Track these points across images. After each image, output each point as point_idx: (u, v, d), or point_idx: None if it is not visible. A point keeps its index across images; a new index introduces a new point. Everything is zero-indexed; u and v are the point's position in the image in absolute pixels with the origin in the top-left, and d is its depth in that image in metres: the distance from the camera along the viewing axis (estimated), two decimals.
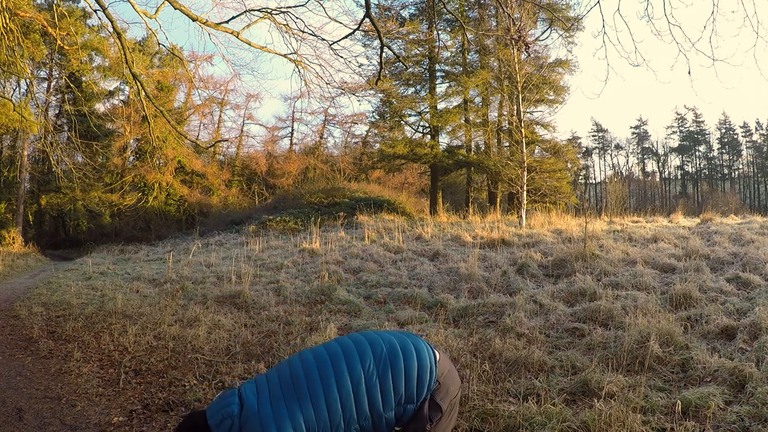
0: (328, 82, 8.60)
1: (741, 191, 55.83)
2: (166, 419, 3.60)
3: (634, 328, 4.69)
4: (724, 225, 11.57)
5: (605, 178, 58.15)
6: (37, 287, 9.45)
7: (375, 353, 1.79)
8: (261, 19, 7.85)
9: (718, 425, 3.12)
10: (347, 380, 1.75)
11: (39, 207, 27.26)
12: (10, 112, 16.33)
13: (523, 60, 15.75)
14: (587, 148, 59.09)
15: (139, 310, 6.85)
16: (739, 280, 6.44)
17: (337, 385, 1.74)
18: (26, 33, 15.11)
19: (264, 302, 7.13)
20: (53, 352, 5.26)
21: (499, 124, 23.86)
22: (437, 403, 1.73)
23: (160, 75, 25.54)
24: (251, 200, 30.79)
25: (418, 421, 1.72)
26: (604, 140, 61.94)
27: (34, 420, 3.60)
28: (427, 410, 1.72)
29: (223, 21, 7.57)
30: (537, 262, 8.33)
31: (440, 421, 1.73)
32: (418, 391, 1.72)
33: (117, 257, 16.64)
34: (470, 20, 21.63)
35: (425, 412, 1.72)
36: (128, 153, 28.83)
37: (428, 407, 1.72)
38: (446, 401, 1.74)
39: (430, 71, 22.90)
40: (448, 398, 1.75)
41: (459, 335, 5.17)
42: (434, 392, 1.75)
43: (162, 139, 23.68)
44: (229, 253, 12.85)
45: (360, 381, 1.73)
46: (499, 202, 23.79)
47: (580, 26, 19.52)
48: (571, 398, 3.63)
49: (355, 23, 7.85)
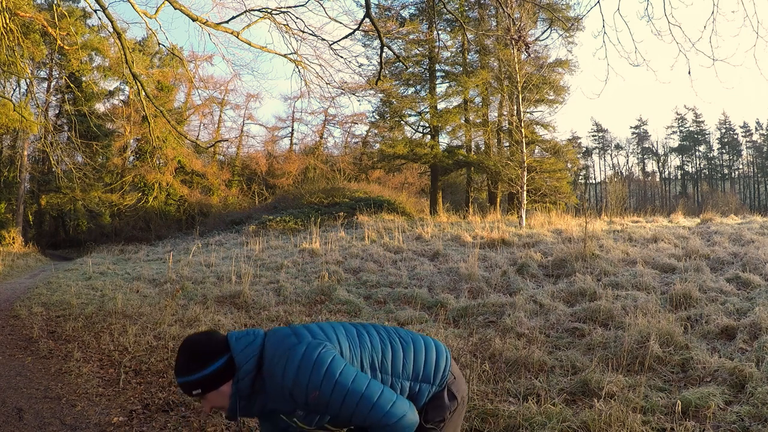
0: (328, 82, 8.60)
1: (741, 191, 55.83)
2: (166, 419, 3.60)
3: (634, 328, 4.69)
4: (724, 225, 11.57)
5: (605, 178, 58.18)
6: (37, 287, 9.45)
7: (388, 330, 1.81)
8: (261, 19, 7.85)
9: (718, 425, 3.12)
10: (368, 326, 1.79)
11: (39, 207, 27.27)
12: (10, 112, 16.33)
13: (523, 60, 15.75)
14: (587, 148, 59.14)
15: (139, 310, 6.85)
16: (739, 280, 6.44)
17: (361, 327, 1.78)
18: (26, 33, 15.12)
19: (264, 302, 7.13)
20: (53, 352, 5.26)
21: (499, 124, 23.86)
22: (454, 393, 1.73)
23: (160, 75, 25.54)
24: (251, 200, 30.77)
25: (439, 408, 1.71)
26: (604, 140, 61.97)
27: (34, 420, 3.60)
28: (447, 398, 1.72)
29: (223, 21, 7.57)
30: (537, 262, 8.33)
31: (456, 410, 1.76)
32: (435, 373, 1.71)
33: (117, 257, 16.64)
34: (470, 20, 21.63)
35: (446, 400, 1.72)
36: (128, 153, 28.83)
37: (447, 396, 1.72)
38: (460, 395, 1.75)
39: (430, 71, 22.90)
40: (460, 393, 1.76)
41: (459, 335, 5.17)
42: (450, 384, 1.75)
43: (162, 139, 23.68)
44: (229, 253, 12.86)
45: (378, 334, 1.76)
46: (499, 202, 23.79)
47: (580, 26, 19.52)
48: (571, 398, 3.63)
49: (355, 23, 7.86)
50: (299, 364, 1.53)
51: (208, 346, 1.64)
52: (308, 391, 1.51)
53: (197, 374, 1.61)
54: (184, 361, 1.63)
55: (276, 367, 1.57)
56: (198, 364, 1.61)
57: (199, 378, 1.61)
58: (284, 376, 1.55)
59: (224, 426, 3.41)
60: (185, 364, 1.63)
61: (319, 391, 1.50)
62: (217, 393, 1.63)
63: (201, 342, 1.67)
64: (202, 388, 1.62)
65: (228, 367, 1.62)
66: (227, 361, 1.62)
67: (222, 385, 1.62)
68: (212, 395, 1.63)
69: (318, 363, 1.53)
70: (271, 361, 1.59)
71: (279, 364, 1.57)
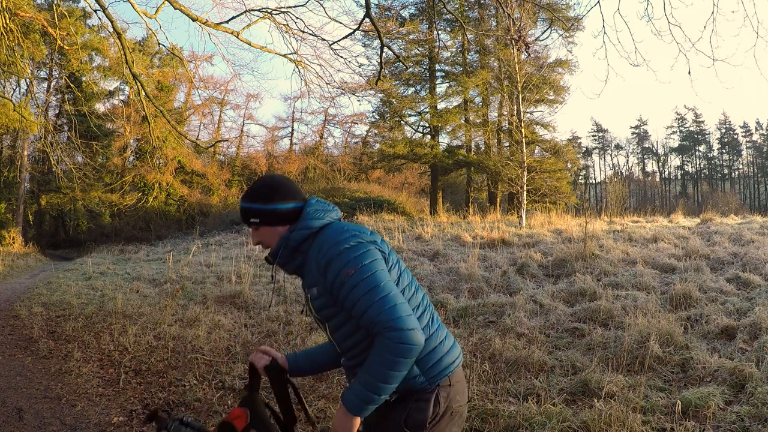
0: (328, 82, 8.62)
1: (741, 191, 55.84)
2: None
3: (634, 328, 4.69)
4: (724, 225, 11.58)
5: (605, 178, 58.19)
6: (37, 287, 9.45)
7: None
8: (261, 19, 7.86)
9: (718, 425, 3.12)
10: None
11: (39, 207, 27.27)
12: (10, 112, 16.33)
13: (523, 60, 15.76)
14: (587, 148, 59.15)
15: (139, 310, 6.85)
16: (739, 280, 6.45)
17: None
18: (26, 33, 15.11)
19: (264, 302, 7.13)
20: (53, 352, 5.26)
21: (499, 124, 23.88)
22: (439, 399, 1.59)
23: (160, 75, 25.53)
24: None
25: (420, 411, 1.57)
26: (604, 140, 61.99)
27: (34, 420, 3.60)
28: (432, 404, 1.58)
29: (223, 21, 7.59)
30: (537, 262, 8.33)
31: (442, 420, 1.63)
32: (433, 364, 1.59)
33: (117, 257, 16.64)
34: (470, 20, 21.64)
35: (431, 404, 1.58)
36: (128, 153, 28.83)
37: (434, 399, 1.58)
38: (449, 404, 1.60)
39: (430, 71, 22.91)
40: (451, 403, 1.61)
41: (459, 335, 5.17)
42: (442, 386, 1.60)
43: (162, 139, 23.67)
44: (229, 253, 12.86)
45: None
46: (499, 202, 23.80)
47: (580, 26, 19.53)
48: (571, 398, 3.63)
49: (355, 23, 7.86)
50: (353, 245, 1.56)
51: (290, 188, 1.71)
52: (346, 266, 1.52)
53: (267, 205, 1.66)
54: (262, 189, 1.68)
55: (332, 239, 1.59)
56: (273, 196, 1.67)
57: (266, 209, 1.67)
58: (334, 246, 1.56)
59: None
60: (261, 192, 1.68)
61: (355, 271, 1.51)
62: (272, 231, 1.68)
63: (285, 182, 1.73)
64: (262, 219, 1.67)
65: (294, 214, 1.67)
66: (297, 209, 1.68)
67: (279, 226, 1.67)
68: (267, 230, 1.69)
69: (367, 253, 1.56)
70: (331, 233, 1.62)
71: (336, 237, 1.59)
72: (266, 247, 1.72)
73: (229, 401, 3.83)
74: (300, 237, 1.64)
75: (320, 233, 1.64)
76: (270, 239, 1.69)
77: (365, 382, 1.48)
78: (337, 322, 1.63)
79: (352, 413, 1.50)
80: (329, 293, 1.58)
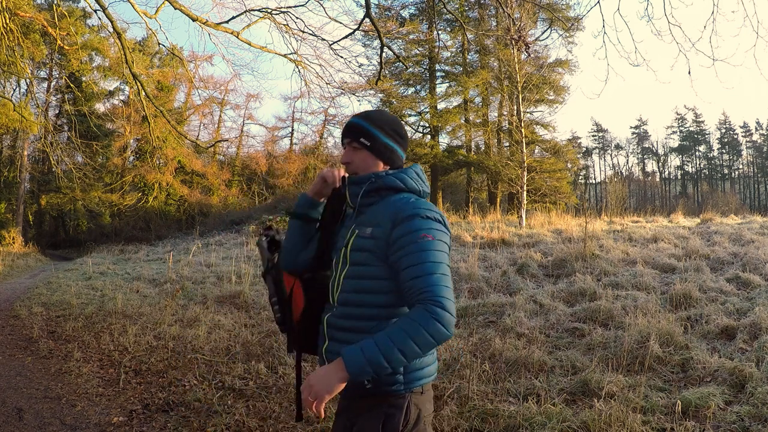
0: (328, 82, 8.61)
1: (741, 191, 55.86)
2: (166, 419, 3.60)
3: (634, 328, 4.69)
4: (724, 225, 11.58)
5: (605, 178, 58.19)
6: (37, 287, 9.45)
7: None
8: (261, 19, 7.86)
9: (718, 425, 3.12)
10: None
11: (39, 207, 27.28)
12: (10, 112, 16.34)
13: (523, 60, 15.76)
14: (587, 148, 59.15)
15: (139, 310, 6.85)
16: (739, 280, 6.45)
17: None
18: (26, 33, 15.11)
19: (264, 302, 7.12)
20: (53, 352, 5.26)
21: (499, 124, 23.89)
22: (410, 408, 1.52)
23: (160, 75, 25.53)
24: (251, 200, 30.75)
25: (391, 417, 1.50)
26: (604, 140, 62.00)
27: (34, 420, 3.60)
28: (404, 411, 1.51)
29: (223, 21, 7.59)
30: (537, 262, 8.33)
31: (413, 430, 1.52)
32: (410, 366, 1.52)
33: (117, 257, 16.63)
34: (470, 20, 21.65)
35: (403, 411, 1.51)
36: (128, 153, 28.84)
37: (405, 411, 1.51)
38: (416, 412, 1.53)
39: (430, 71, 22.92)
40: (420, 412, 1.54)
41: (459, 335, 5.17)
42: (414, 395, 1.53)
43: (162, 139, 23.67)
44: (229, 253, 12.86)
45: None
46: (499, 202, 23.80)
47: (580, 26, 19.54)
48: (571, 398, 3.63)
49: (355, 23, 7.86)
50: (442, 222, 1.55)
51: (407, 144, 1.74)
52: (427, 231, 1.49)
53: (387, 140, 1.66)
54: (393, 124, 1.70)
55: (426, 204, 1.57)
56: (396, 137, 1.68)
57: (384, 142, 1.66)
58: (426, 210, 1.53)
59: (224, 426, 3.41)
60: (391, 125, 1.68)
61: (433, 239, 1.48)
62: (372, 161, 1.66)
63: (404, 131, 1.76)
64: (373, 145, 1.65)
65: (397, 159, 1.69)
66: (401, 158, 1.71)
67: (380, 159, 1.67)
68: (368, 157, 1.66)
69: (446, 236, 1.55)
70: (425, 203, 1.59)
71: (431, 207, 1.57)
72: (353, 171, 1.68)
73: (229, 401, 3.83)
74: (392, 183, 1.62)
75: (407, 194, 1.62)
76: (360, 164, 1.66)
77: (382, 344, 1.36)
78: (361, 270, 1.56)
79: (347, 371, 1.36)
80: (385, 242, 1.52)
